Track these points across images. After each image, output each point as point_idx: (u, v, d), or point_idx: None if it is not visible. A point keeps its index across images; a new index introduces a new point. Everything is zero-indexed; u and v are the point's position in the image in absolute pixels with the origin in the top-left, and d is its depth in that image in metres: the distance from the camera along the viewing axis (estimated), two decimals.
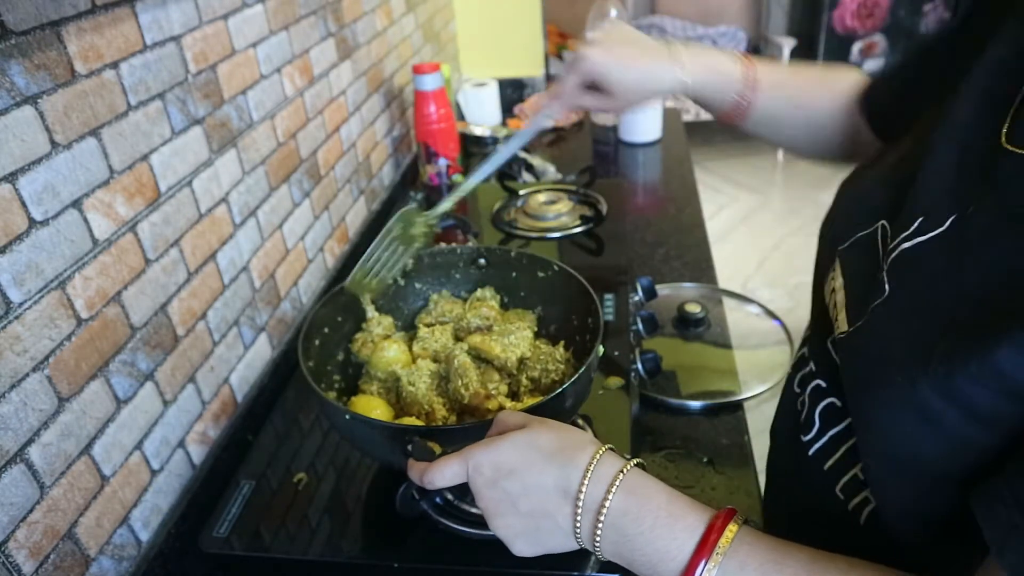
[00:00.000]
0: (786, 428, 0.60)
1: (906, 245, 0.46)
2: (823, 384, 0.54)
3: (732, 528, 0.46)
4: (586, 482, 0.49)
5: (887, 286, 0.46)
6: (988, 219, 0.42)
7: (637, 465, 0.51)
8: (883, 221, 0.51)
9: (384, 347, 0.82)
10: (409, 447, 0.59)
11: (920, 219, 0.46)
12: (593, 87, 0.78)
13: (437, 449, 0.58)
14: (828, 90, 0.75)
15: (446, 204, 0.83)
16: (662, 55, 0.75)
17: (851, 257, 0.54)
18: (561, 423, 0.54)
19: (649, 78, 0.75)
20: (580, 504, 0.49)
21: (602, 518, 0.48)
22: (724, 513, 0.47)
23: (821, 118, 0.75)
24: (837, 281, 0.54)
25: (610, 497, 0.48)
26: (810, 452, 0.54)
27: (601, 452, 0.50)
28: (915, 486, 0.43)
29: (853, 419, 0.49)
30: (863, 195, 0.56)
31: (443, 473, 0.53)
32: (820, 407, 0.54)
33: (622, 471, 0.49)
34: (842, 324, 0.51)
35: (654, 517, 0.47)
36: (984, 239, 0.42)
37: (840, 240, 0.55)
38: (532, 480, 0.50)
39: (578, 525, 0.49)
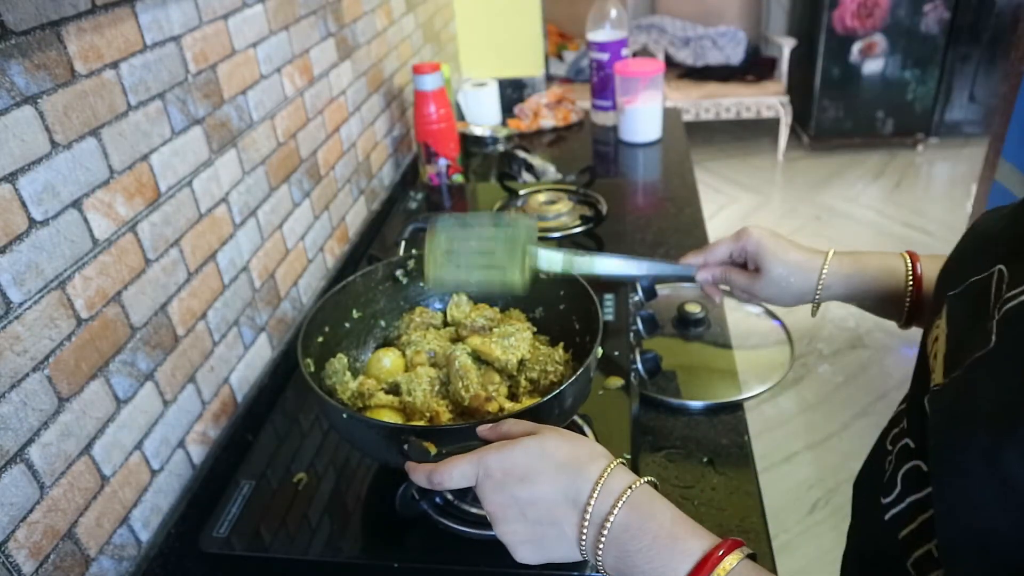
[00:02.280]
0: (868, 486, 0.56)
1: None
2: (911, 444, 0.50)
3: (731, 560, 0.45)
4: (595, 494, 0.49)
5: (993, 337, 0.41)
6: None
7: (648, 482, 0.50)
8: (1000, 265, 0.45)
9: (378, 358, 0.82)
10: (405, 447, 0.59)
11: None
12: (744, 266, 0.80)
13: (432, 449, 0.59)
14: None
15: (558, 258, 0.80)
16: (820, 253, 0.75)
17: (959, 303, 0.49)
18: (573, 433, 0.54)
19: (802, 269, 0.75)
20: (587, 516, 0.49)
21: (605, 532, 0.48)
22: (728, 543, 0.46)
23: None
24: (941, 328, 0.50)
25: (615, 512, 0.48)
26: (887, 516, 0.50)
27: (612, 466, 0.50)
28: (991, 571, 0.38)
29: (932, 484, 0.44)
30: (984, 235, 0.51)
31: (451, 474, 0.53)
32: (904, 469, 0.49)
33: (631, 487, 0.49)
34: (938, 376, 0.47)
35: (653, 536, 0.47)
36: None
37: (952, 285, 0.51)
38: (542, 488, 0.50)
39: (583, 537, 0.49)
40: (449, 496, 0.74)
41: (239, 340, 0.90)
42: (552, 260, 0.80)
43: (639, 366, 0.91)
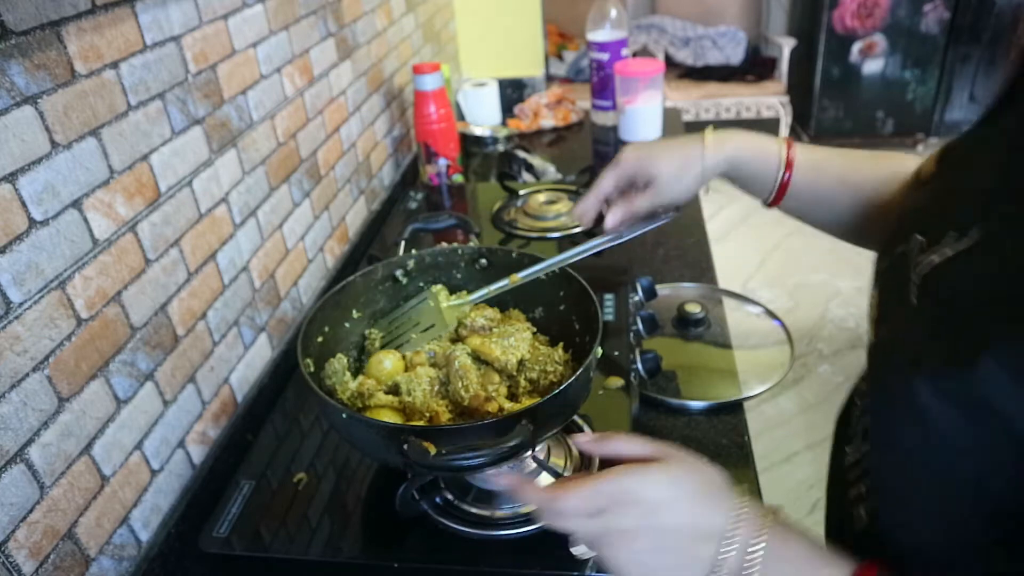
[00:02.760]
0: (838, 439, 0.62)
1: (936, 259, 0.47)
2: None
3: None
4: (736, 526, 0.48)
5: (913, 298, 0.48)
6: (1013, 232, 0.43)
7: (777, 507, 0.50)
8: (917, 234, 0.51)
9: (379, 359, 0.82)
10: (405, 447, 0.59)
11: (951, 232, 0.46)
12: (634, 187, 0.81)
13: (432, 449, 0.58)
14: (881, 168, 0.74)
15: (482, 293, 0.85)
16: (695, 141, 0.78)
17: (887, 272, 0.55)
18: (693, 457, 0.53)
19: (684, 164, 0.78)
20: (728, 546, 0.47)
21: (753, 560, 0.47)
22: (867, 565, 0.46)
23: (868, 193, 0.74)
24: (874, 296, 0.56)
25: (759, 541, 0.47)
26: (846, 463, 0.56)
27: (744, 497, 0.50)
28: (910, 492, 0.45)
29: (870, 420, 0.51)
30: (907, 212, 0.58)
31: (570, 500, 0.50)
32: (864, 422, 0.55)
33: (770, 514, 0.49)
34: (872, 335, 0.54)
35: (799, 561, 0.47)
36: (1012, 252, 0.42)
37: (885, 256, 0.57)
38: (675, 519, 0.49)
39: (718, 567, 0.48)
40: (449, 496, 0.74)
41: (239, 340, 0.90)
42: (471, 297, 0.87)
43: (639, 366, 0.91)
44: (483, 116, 1.87)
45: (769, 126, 4.33)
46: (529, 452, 0.71)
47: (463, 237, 1.24)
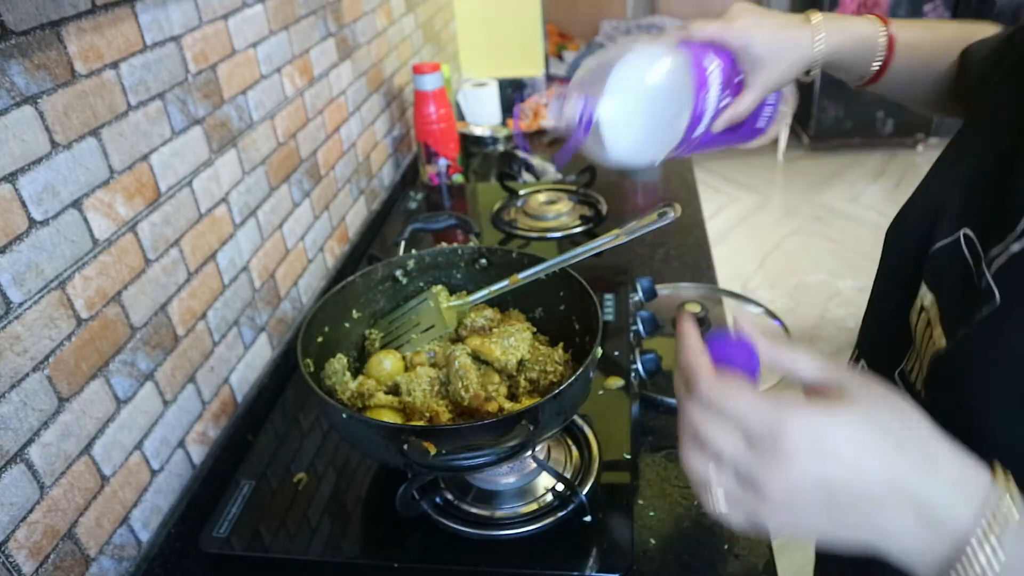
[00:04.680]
0: None
1: (1016, 248, 0.43)
2: None
3: None
4: (989, 523, 0.35)
5: (996, 293, 0.44)
6: None
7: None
8: (965, 229, 0.49)
9: (379, 360, 0.82)
10: (405, 447, 0.59)
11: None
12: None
13: (432, 449, 0.58)
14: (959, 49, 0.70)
15: (482, 294, 0.85)
16: (801, 22, 0.69)
17: (938, 270, 0.51)
18: (896, 395, 0.39)
19: (792, 46, 0.68)
20: (976, 550, 0.35)
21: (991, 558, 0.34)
22: None
23: (944, 79, 0.72)
24: (927, 298, 0.52)
25: (995, 540, 0.35)
26: None
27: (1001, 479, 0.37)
28: None
29: (977, 439, 0.39)
30: (937, 204, 0.54)
31: (749, 404, 0.37)
32: None
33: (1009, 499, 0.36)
34: (939, 340, 0.48)
35: None
36: None
37: (920, 253, 0.53)
38: (867, 472, 0.36)
39: (924, 548, 0.36)
40: (449, 496, 0.74)
41: (239, 340, 0.90)
42: (471, 297, 0.87)
43: (639, 366, 0.91)
44: (483, 116, 1.87)
45: None
46: (529, 452, 0.71)
47: (463, 237, 1.24)
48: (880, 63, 0.71)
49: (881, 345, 0.58)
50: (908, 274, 0.55)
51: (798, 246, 3.26)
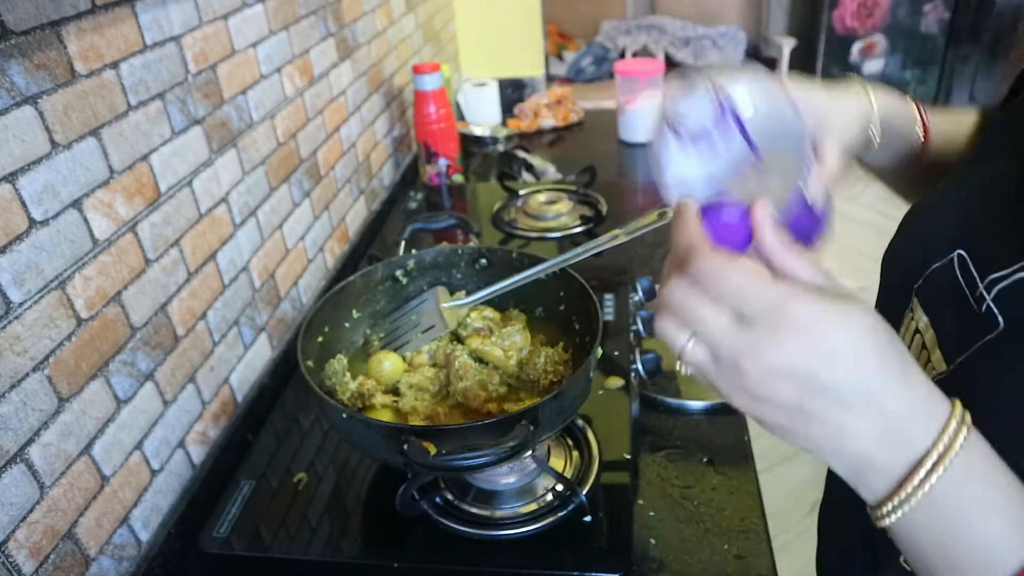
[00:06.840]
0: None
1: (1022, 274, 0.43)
2: None
3: None
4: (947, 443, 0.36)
5: (1000, 318, 0.43)
6: None
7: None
8: (959, 251, 0.48)
9: (379, 360, 0.82)
10: (405, 447, 0.59)
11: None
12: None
13: (432, 449, 0.58)
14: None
15: (482, 294, 0.83)
16: (857, 92, 0.67)
17: (931, 293, 0.51)
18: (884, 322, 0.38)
19: (853, 101, 0.67)
20: (930, 468, 0.36)
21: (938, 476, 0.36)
22: None
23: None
24: (921, 321, 0.51)
25: (952, 456, 0.36)
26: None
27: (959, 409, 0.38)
28: None
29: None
30: (935, 227, 0.53)
31: (743, 279, 0.37)
32: None
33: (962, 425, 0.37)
34: (938, 364, 0.48)
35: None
36: None
37: (913, 276, 0.53)
38: (849, 379, 0.36)
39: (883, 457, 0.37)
40: (449, 496, 0.74)
41: (239, 340, 0.90)
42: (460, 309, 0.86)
43: (639, 366, 0.91)
44: (483, 116, 1.87)
45: None
46: (529, 452, 0.71)
47: (463, 237, 1.24)
48: (920, 125, 0.68)
49: None
50: (905, 297, 0.55)
51: None
